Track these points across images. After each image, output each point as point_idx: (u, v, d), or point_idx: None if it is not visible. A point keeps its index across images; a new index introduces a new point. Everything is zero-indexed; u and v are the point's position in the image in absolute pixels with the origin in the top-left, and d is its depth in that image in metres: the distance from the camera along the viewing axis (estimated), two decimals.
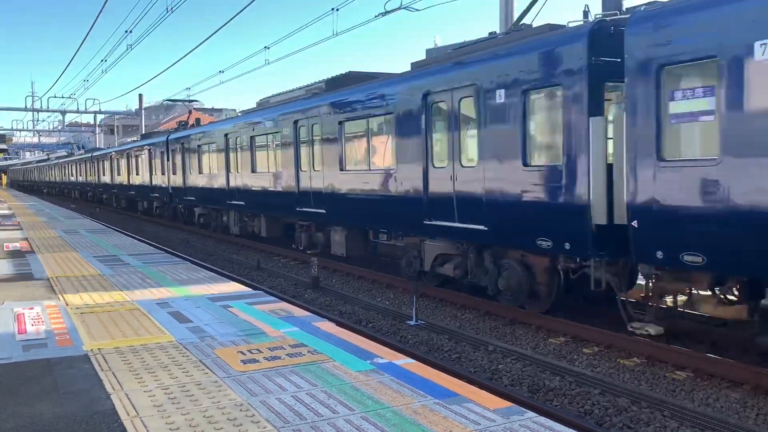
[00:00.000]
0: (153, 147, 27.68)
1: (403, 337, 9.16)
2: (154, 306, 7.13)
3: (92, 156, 42.72)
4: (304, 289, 12.75)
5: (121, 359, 5.07)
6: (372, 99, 12.43)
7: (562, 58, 8.27)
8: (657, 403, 6.47)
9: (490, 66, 9.47)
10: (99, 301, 7.43)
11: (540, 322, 9.38)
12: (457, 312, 10.53)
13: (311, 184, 14.59)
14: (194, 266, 10.56)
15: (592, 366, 7.72)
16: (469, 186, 9.89)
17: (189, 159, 23.42)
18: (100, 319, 6.49)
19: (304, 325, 6.11)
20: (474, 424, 3.68)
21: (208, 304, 7.18)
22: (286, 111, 16.00)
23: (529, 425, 3.65)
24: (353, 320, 10.17)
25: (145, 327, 6.16)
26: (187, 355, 5.17)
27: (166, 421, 3.80)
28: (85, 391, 4.34)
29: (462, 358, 8.16)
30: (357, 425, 3.69)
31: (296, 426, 3.70)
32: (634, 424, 6.02)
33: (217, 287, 8.31)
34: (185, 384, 4.46)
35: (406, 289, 11.91)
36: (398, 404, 4.00)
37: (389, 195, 11.82)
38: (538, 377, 7.31)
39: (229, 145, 19.50)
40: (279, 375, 4.62)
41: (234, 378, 4.58)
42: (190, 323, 6.28)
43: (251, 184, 18.10)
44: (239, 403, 4.07)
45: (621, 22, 7.90)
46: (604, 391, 6.82)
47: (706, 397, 6.65)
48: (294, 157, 15.24)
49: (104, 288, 8.31)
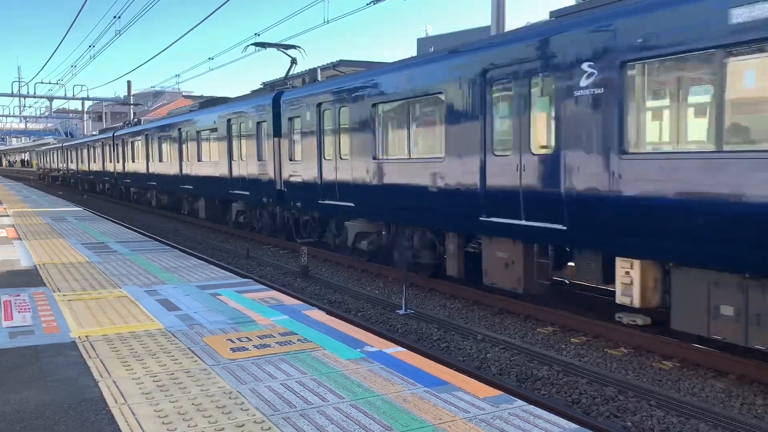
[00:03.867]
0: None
1: (392, 326, 9.17)
2: (143, 293, 7.09)
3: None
4: (294, 278, 12.73)
5: (109, 347, 5.04)
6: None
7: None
8: (643, 392, 6.52)
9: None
10: (87, 289, 7.37)
11: (529, 311, 9.43)
12: (446, 301, 10.56)
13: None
14: (183, 254, 10.51)
15: (580, 355, 7.77)
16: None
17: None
18: (87, 307, 6.45)
19: (293, 314, 6.09)
20: (463, 412, 3.68)
21: (197, 292, 7.14)
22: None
23: (518, 413, 3.66)
24: (343, 309, 10.17)
25: (133, 314, 6.12)
26: (176, 343, 5.14)
27: (155, 408, 3.78)
28: (73, 379, 4.31)
29: (451, 347, 8.19)
30: (347, 413, 3.69)
31: (285, 414, 3.69)
32: (621, 413, 6.07)
33: (206, 275, 8.27)
34: (174, 372, 4.44)
35: (396, 278, 11.92)
36: (388, 392, 4.00)
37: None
38: (527, 366, 7.35)
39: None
40: (268, 363, 4.61)
41: (223, 366, 4.56)
42: (178, 311, 6.25)
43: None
44: (228, 391, 4.06)
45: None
46: (592, 381, 6.87)
47: (692, 386, 6.71)
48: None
49: (92, 275, 8.25)
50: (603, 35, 7.53)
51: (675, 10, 6.74)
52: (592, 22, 7.70)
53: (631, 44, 7.17)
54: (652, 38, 6.94)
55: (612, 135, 7.43)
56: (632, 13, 7.20)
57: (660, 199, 6.94)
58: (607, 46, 7.44)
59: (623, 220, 7.35)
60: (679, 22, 6.70)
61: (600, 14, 7.65)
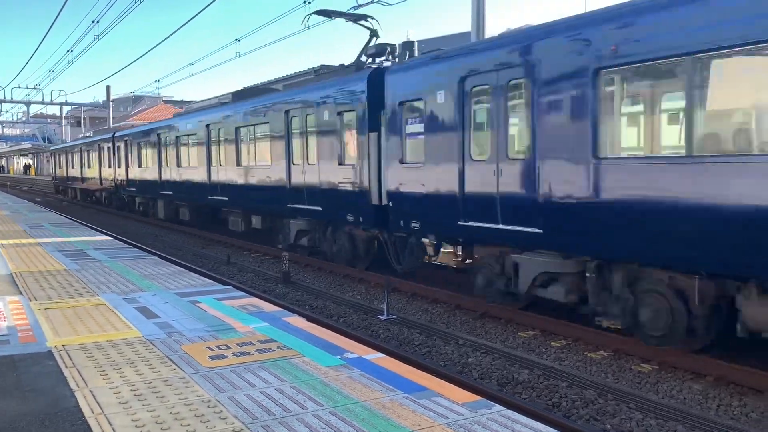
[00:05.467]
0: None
1: (374, 332, 9.17)
2: (121, 301, 7.02)
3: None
4: (275, 284, 12.68)
5: (86, 356, 4.98)
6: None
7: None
8: (623, 395, 6.58)
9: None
10: (64, 297, 7.29)
11: (510, 315, 9.48)
12: (428, 306, 10.58)
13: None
14: (162, 261, 10.43)
15: (560, 359, 7.82)
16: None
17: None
18: (64, 315, 6.37)
19: (273, 321, 6.07)
20: (442, 417, 3.70)
21: (176, 300, 7.09)
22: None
23: (496, 418, 3.68)
24: (324, 315, 10.15)
25: (111, 323, 6.06)
26: (154, 351, 5.10)
27: (132, 418, 3.75)
28: (49, 389, 4.25)
29: (432, 352, 8.21)
30: (326, 420, 3.68)
31: (264, 422, 3.68)
32: (601, 416, 6.12)
33: (186, 282, 8.21)
34: (152, 380, 4.40)
35: (378, 283, 11.92)
36: (367, 399, 4.00)
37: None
38: (508, 370, 7.39)
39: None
40: (247, 371, 4.59)
41: (202, 374, 4.53)
42: (157, 319, 6.20)
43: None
44: (207, 399, 4.03)
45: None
46: (572, 384, 6.92)
47: (670, 389, 6.79)
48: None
49: (69, 283, 8.16)
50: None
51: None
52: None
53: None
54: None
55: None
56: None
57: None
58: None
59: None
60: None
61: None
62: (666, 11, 6.79)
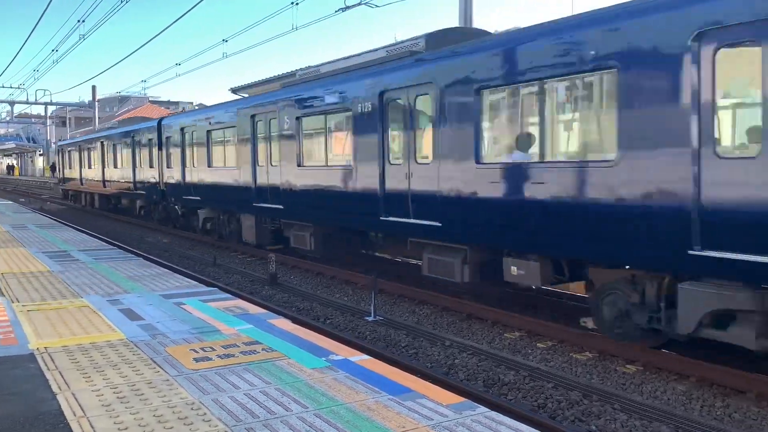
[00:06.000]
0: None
1: (361, 333, 9.16)
2: (105, 303, 6.96)
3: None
4: (262, 286, 12.64)
5: (69, 358, 4.94)
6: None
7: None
8: (608, 396, 6.62)
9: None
10: (47, 299, 7.21)
11: (496, 316, 9.50)
12: (416, 307, 10.59)
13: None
14: (148, 262, 10.36)
15: (546, 360, 7.85)
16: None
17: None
18: (47, 317, 6.30)
19: (259, 323, 6.04)
20: (426, 419, 3.69)
21: (161, 302, 7.04)
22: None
23: (480, 420, 3.69)
24: (311, 317, 10.12)
25: (94, 325, 6.01)
26: (138, 354, 5.06)
27: (114, 421, 3.71)
28: (30, 392, 4.21)
29: (419, 353, 8.21)
30: (310, 423, 3.67)
31: (249, 424, 3.66)
32: (586, 417, 6.15)
33: (171, 284, 8.16)
34: (135, 383, 4.36)
35: (366, 285, 11.91)
36: (352, 401, 3.99)
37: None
38: (494, 372, 7.40)
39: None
40: (232, 373, 4.57)
41: (186, 376, 4.50)
42: (141, 321, 6.15)
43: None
44: (191, 402, 4.01)
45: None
46: (557, 385, 6.95)
47: (654, 389, 6.83)
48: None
49: (53, 285, 8.08)
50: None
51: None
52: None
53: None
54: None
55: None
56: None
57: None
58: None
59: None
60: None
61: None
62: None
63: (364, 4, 15.77)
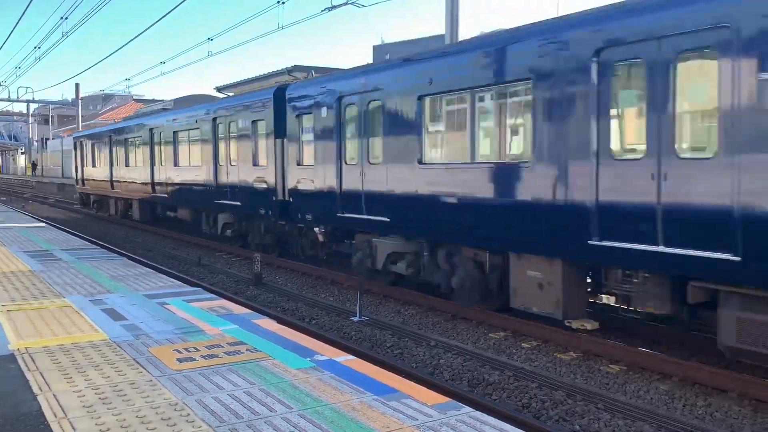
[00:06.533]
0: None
1: (346, 334, 9.14)
2: (87, 303, 6.89)
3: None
4: (247, 286, 12.58)
5: (50, 359, 4.88)
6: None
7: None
8: (591, 395, 6.66)
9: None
10: (28, 299, 7.12)
11: (481, 317, 9.53)
12: (401, 308, 10.59)
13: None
14: (131, 262, 10.27)
15: (531, 360, 7.88)
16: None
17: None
18: (28, 317, 6.23)
19: (243, 323, 6.01)
20: (411, 419, 3.69)
21: (145, 302, 6.98)
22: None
23: (465, 420, 3.69)
24: (297, 317, 10.09)
25: (77, 325, 5.94)
26: (121, 354, 5.01)
27: (96, 422, 3.67)
28: (11, 393, 4.15)
29: (404, 353, 8.21)
30: (294, 423, 3.65)
31: (232, 425, 3.64)
32: (570, 416, 6.19)
33: (155, 284, 8.09)
34: (118, 383, 4.32)
35: (351, 285, 11.90)
36: (337, 401, 3.98)
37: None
38: (478, 371, 7.42)
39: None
40: (216, 373, 4.54)
41: (169, 377, 4.47)
42: (124, 321, 6.10)
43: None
44: (174, 403, 3.97)
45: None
46: (542, 385, 6.98)
47: (637, 389, 6.88)
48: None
49: (34, 284, 7.98)
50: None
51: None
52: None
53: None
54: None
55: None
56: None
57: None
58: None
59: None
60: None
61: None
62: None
63: (351, 4, 15.76)
